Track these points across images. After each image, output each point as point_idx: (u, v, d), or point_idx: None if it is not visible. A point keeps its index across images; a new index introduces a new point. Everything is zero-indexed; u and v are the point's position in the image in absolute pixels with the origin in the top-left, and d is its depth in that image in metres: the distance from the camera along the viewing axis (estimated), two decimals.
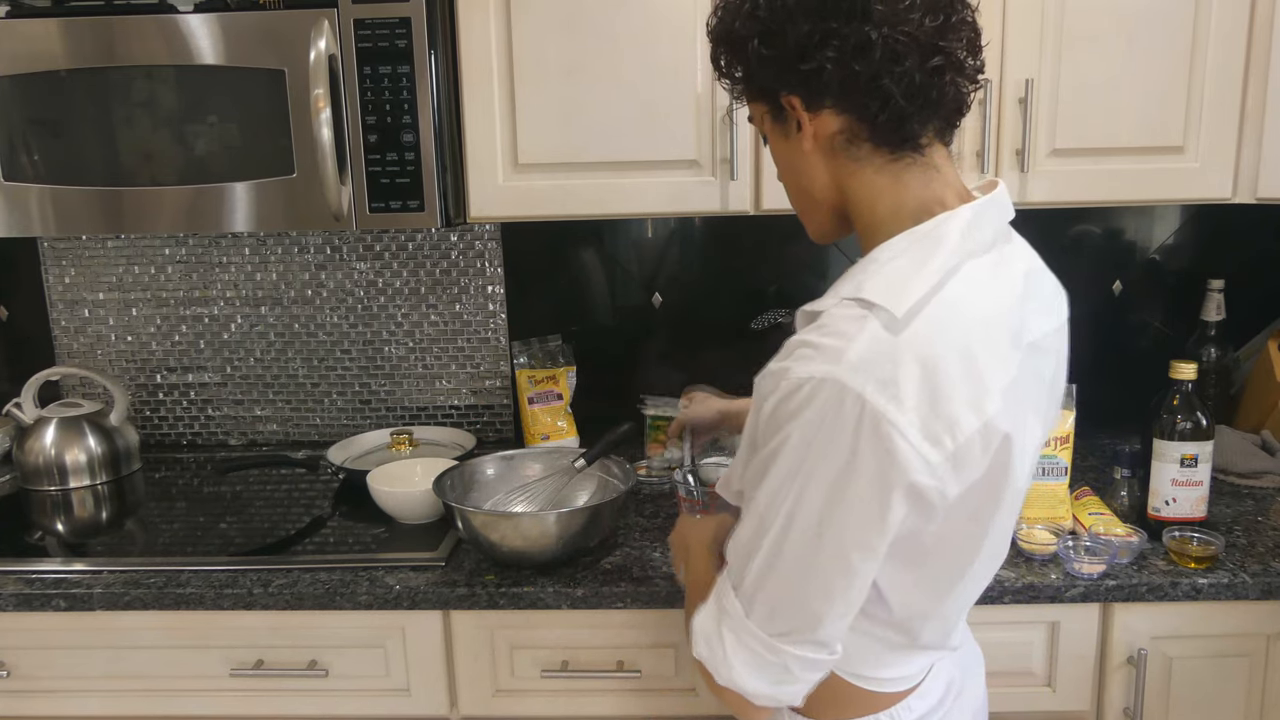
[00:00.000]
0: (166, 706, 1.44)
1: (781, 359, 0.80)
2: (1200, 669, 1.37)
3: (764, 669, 0.84)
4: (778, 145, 0.92)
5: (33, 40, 1.48)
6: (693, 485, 1.51)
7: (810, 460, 0.77)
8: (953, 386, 0.77)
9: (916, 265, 0.81)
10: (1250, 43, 1.49)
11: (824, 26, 0.81)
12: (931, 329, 0.77)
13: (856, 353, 0.75)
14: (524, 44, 1.52)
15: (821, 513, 0.78)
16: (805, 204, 0.94)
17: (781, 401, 0.78)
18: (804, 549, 0.79)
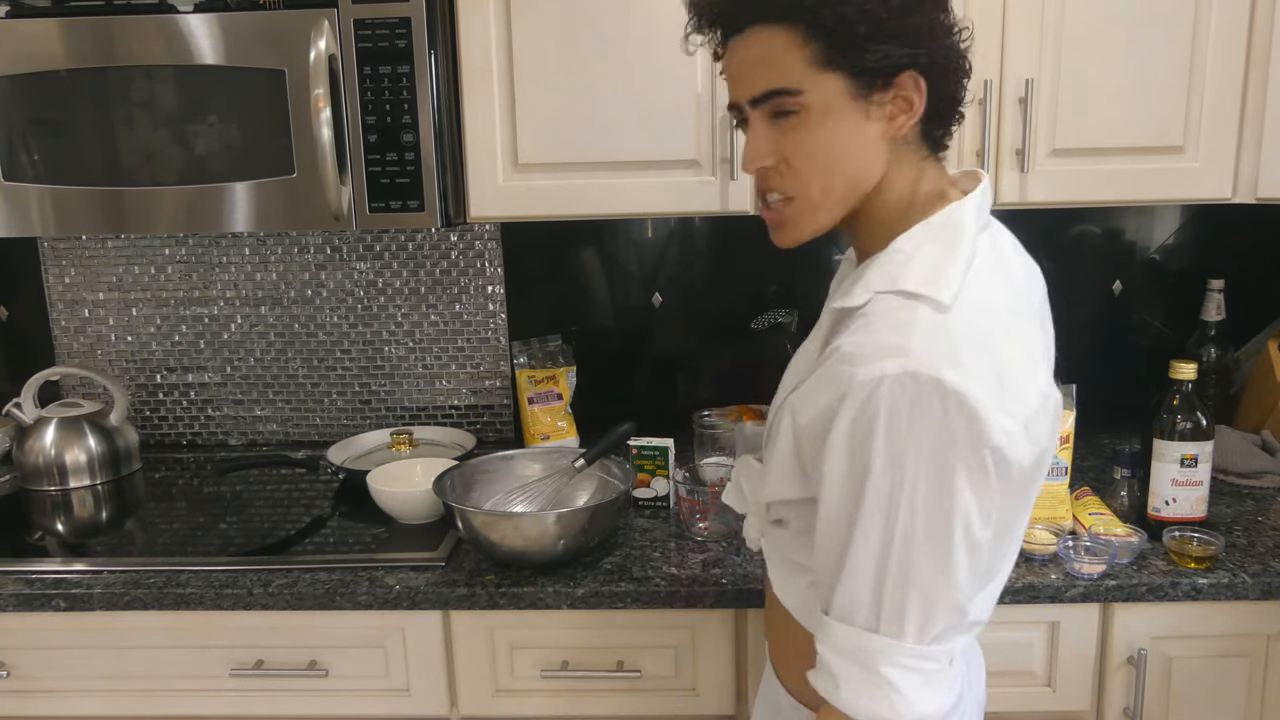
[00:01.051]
0: (166, 706, 1.44)
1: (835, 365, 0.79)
2: (1200, 669, 1.37)
3: (936, 681, 0.81)
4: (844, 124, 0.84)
5: (33, 40, 1.48)
6: (692, 485, 1.51)
7: (911, 455, 0.76)
8: (1009, 362, 0.79)
9: (946, 254, 0.83)
10: (1250, 43, 1.49)
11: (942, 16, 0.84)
12: (977, 312, 0.80)
13: (920, 341, 0.76)
14: (524, 44, 1.52)
15: (939, 500, 0.77)
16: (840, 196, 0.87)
17: (861, 409, 0.77)
18: (934, 542, 0.78)
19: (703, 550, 1.45)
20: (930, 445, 0.76)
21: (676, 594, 1.34)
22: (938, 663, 0.81)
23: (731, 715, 1.41)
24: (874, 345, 0.78)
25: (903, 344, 0.77)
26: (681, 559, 1.42)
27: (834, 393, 0.79)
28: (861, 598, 0.80)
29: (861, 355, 0.78)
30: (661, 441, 1.59)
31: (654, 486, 1.60)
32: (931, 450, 0.76)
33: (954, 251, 0.83)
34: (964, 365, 0.76)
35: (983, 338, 0.79)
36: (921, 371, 0.75)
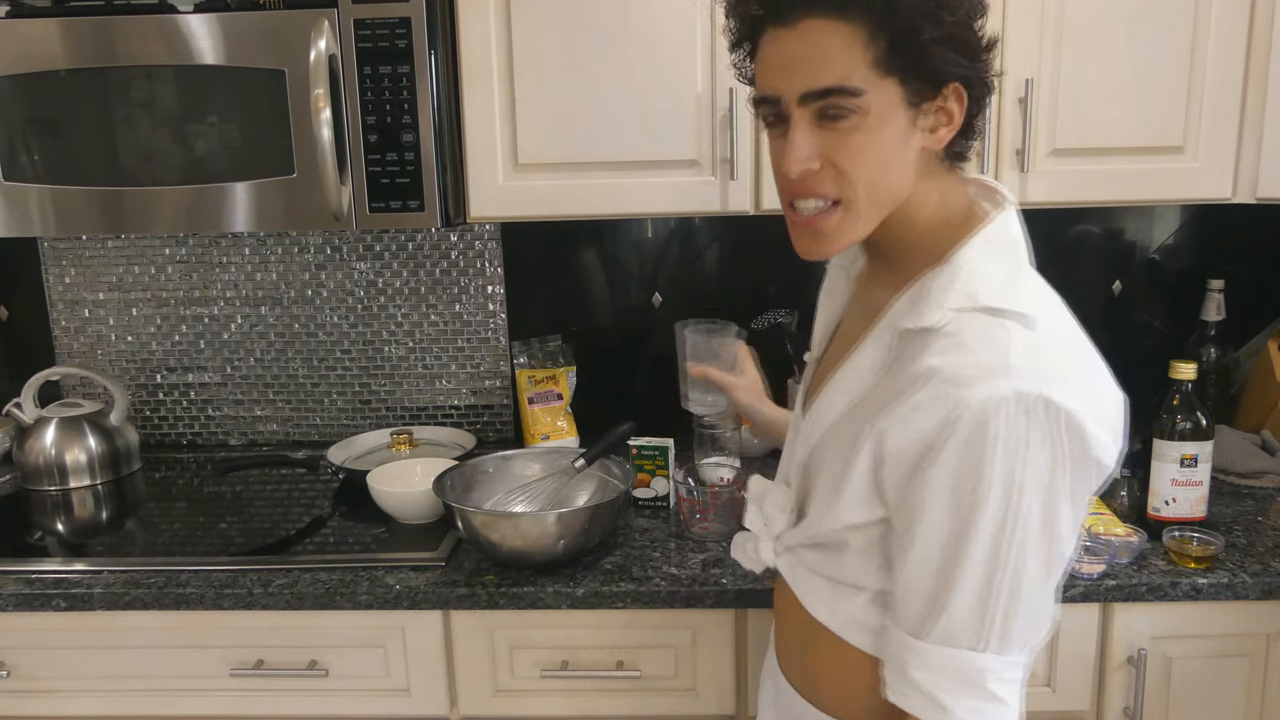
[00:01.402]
0: (166, 706, 1.44)
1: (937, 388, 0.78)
2: (1200, 669, 1.37)
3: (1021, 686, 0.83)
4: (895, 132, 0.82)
5: (33, 40, 1.48)
6: (692, 485, 1.51)
7: (1022, 479, 0.77)
8: (1091, 371, 0.82)
9: (1013, 267, 0.85)
10: (1250, 43, 1.49)
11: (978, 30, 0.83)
12: (1057, 323, 0.82)
13: (1021, 360, 0.77)
14: (524, 44, 1.52)
15: (1047, 516, 0.78)
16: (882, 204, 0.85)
17: (972, 433, 0.76)
18: (1041, 558, 0.79)
19: (703, 550, 1.45)
20: (1042, 464, 0.77)
21: (676, 594, 1.34)
22: (1027, 668, 0.84)
23: (731, 715, 1.41)
24: (977, 367, 0.77)
25: (1006, 364, 0.76)
26: (681, 559, 1.42)
27: (937, 416, 0.77)
28: (967, 619, 0.80)
29: (965, 377, 0.77)
30: (661, 441, 1.59)
31: (654, 486, 1.60)
32: (1043, 469, 0.77)
33: (1019, 264, 0.85)
34: (1065, 381, 0.77)
35: (1069, 350, 0.81)
36: (1030, 391, 0.75)
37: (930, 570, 0.81)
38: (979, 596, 0.79)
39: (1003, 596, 0.79)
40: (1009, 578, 0.79)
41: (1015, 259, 0.86)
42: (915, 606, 0.83)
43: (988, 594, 0.79)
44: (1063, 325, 0.83)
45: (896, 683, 0.85)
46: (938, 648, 0.81)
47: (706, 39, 1.50)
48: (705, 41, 1.51)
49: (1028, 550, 0.78)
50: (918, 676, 0.83)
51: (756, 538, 1.04)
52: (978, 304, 0.80)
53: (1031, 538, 0.78)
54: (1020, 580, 0.79)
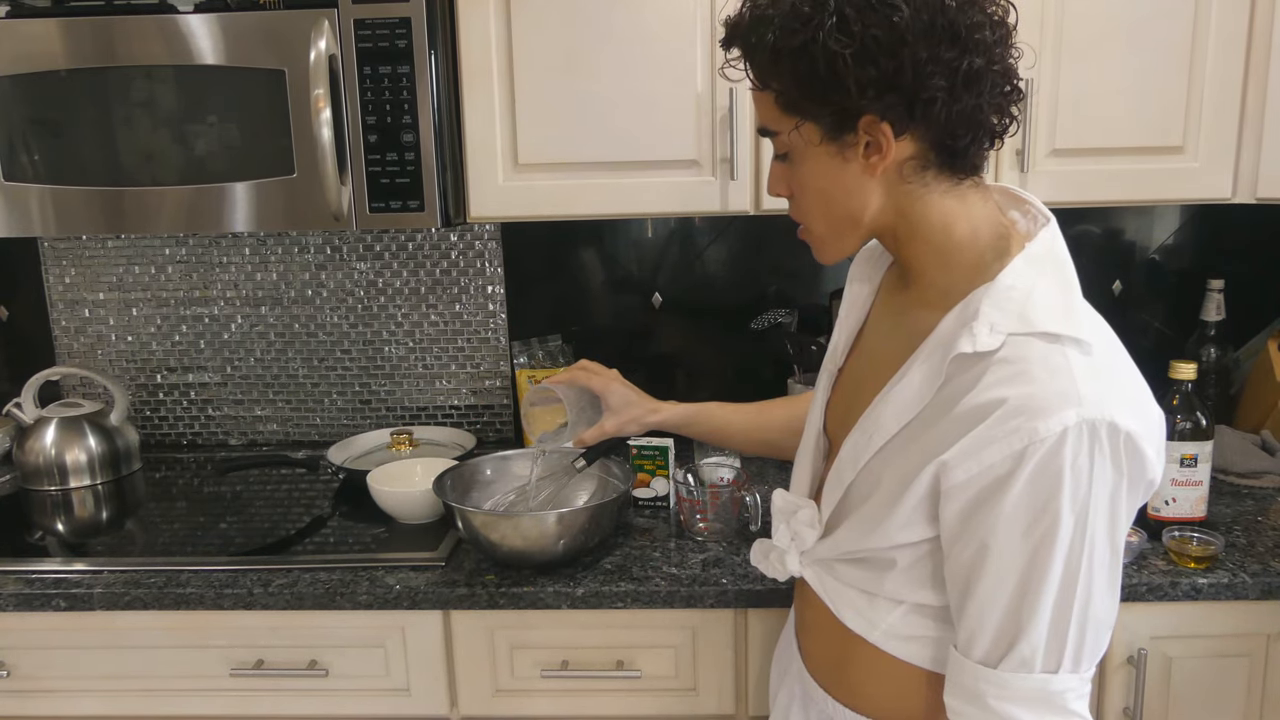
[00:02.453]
0: (166, 706, 1.44)
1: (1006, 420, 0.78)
2: (1200, 669, 1.37)
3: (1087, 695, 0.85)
4: (822, 166, 0.87)
5: (33, 40, 1.48)
6: (692, 485, 1.51)
7: (1091, 503, 0.78)
8: (1141, 391, 0.83)
9: (1063, 288, 0.85)
10: (1250, 43, 1.49)
11: (936, 53, 0.79)
12: (1110, 344, 0.84)
13: (1087, 386, 0.77)
14: (524, 44, 1.52)
15: (1110, 536, 0.80)
16: (842, 227, 0.90)
17: (1043, 463, 0.77)
18: (1106, 579, 0.82)
19: (703, 550, 1.45)
20: (1104, 487, 0.78)
21: (676, 594, 1.34)
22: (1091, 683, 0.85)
23: (731, 715, 1.41)
24: (1045, 396, 0.77)
25: (1073, 391, 0.77)
26: (681, 559, 1.42)
27: (1009, 449, 0.78)
28: (1043, 645, 0.81)
29: (1036, 408, 0.77)
30: (661, 441, 1.59)
31: (654, 486, 1.60)
32: (1106, 492, 0.79)
33: (1069, 284, 0.85)
34: (1126, 403, 0.79)
35: (1123, 371, 0.83)
36: (1097, 417, 0.76)
37: (1004, 600, 0.82)
38: (1056, 621, 0.81)
39: (1076, 618, 0.81)
40: (1080, 599, 0.80)
41: (1064, 279, 0.86)
42: (989, 637, 0.83)
43: (1064, 618, 0.81)
44: (1114, 348, 0.85)
45: (974, 714, 0.85)
46: (1016, 675, 0.82)
47: (706, 39, 1.50)
48: (705, 41, 1.51)
49: (1096, 570, 0.80)
50: (1001, 707, 0.83)
51: (782, 550, 1.04)
52: (1034, 329, 0.80)
53: (1100, 557, 0.80)
54: (1090, 599, 0.81)
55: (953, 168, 0.86)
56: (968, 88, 0.81)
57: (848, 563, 0.96)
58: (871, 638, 0.94)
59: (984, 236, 0.88)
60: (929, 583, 0.89)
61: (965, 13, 0.80)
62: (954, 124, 0.82)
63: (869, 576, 0.94)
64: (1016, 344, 0.80)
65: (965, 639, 0.85)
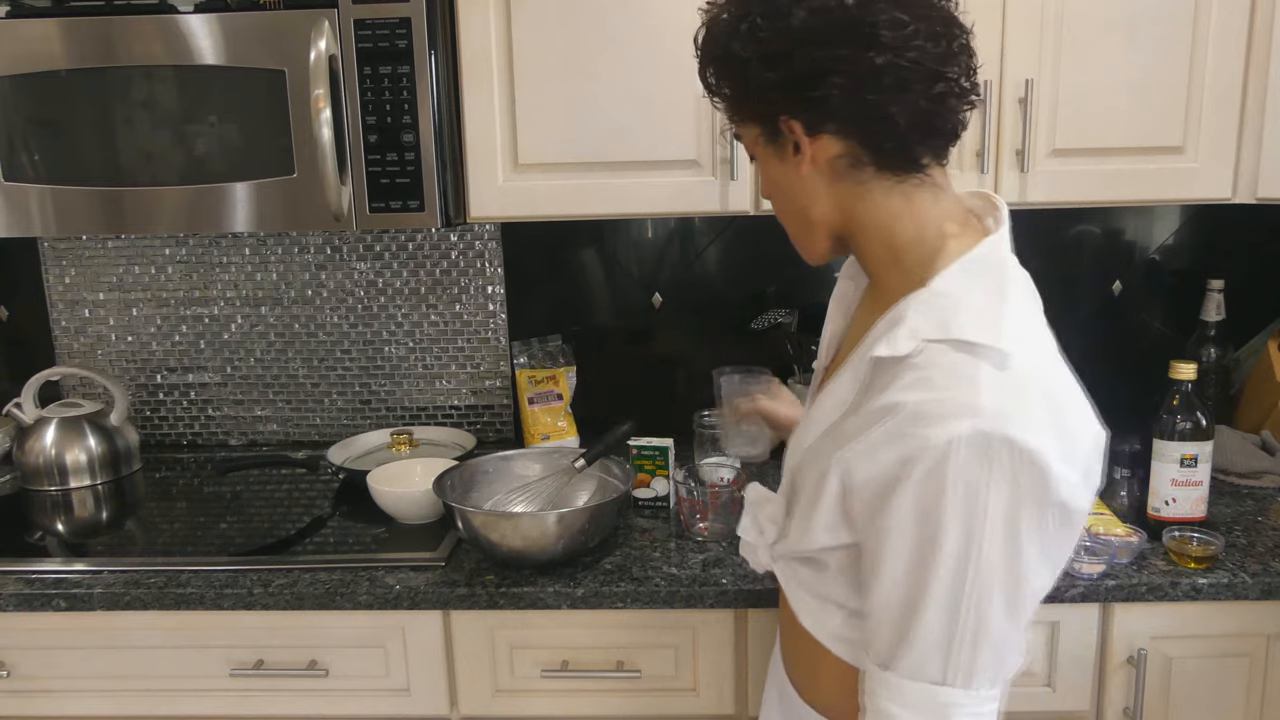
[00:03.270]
0: (166, 706, 1.44)
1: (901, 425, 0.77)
2: (1200, 669, 1.37)
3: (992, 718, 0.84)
4: (771, 166, 0.91)
5: (33, 40, 1.48)
6: (692, 485, 1.51)
7: (983, 514, 0.76)
8: (1067, 407, 0.80)
9: (995, 297, 0.82)
10: (1250, 43, 1.49)
11: (831, 53, 0.79)
12: (1036, 358, 0.80)
13: (989, 400, 0.75)
14: (524, 44, 1.52)
15: (1008, 555, 0.78)
16: (802, 227, 0.92)
17: (931, 471, 0.76)
18: (1004, 596, 0.79)
19: (703, 550, 1.45)
20: (1000, 503, 0.76)
21: (676, 594, 1.34)
22: (997, 700, 0.84)
23: (731, 715, 1.41)
24: (941, 404, 0.76)
25: (971, 402, 0.75)
26: (681, 559, 1.42)
27: (899, 453, 0.77)
28: (933, 654, 0.81)
29: (929, 415, 0.76)
30: (661, 441, 1.59)
31: (654, 486, 1.60)
32: (1001, 508, 0.76)
33: (1003, 294, 0.83)
34: (1032, 420, 0.76)
35: (1043, 387, 0.79)
36: (993, 431, 0.74)
37: (896, 604, 0.81)
38: (943, 631, 0.80)
39: (966, 633, 0.79)
40: (973, 614, 0.79)
41: (1000, 285, 0.83)
42: (884, 638, 0.83)
43: (952, 629, 0.79)
44: (1042, 362, 0.81)
45: (872, 713, 0.85)
46: (907, 681, 0.82)
47: None
48: None
49: (990, 587, 0.78)
50: (889, 708, 0.83)
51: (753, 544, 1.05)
52: (950, 335, 0.79)
53: (994, 576, 0.78)
54: (984, 616, 0.79)
55: (889, 166, 0.85)
56: (869, 84, 0.80)
57: (800, 562, 0.97)
58: (819, 637, 0.95)
59: (929, 239, 0.86)
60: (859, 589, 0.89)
61: (868, 10, 0.79)
62: (865, 121, 0.82)
63: (814, 577, 0.94)
64: (931, 350, 0.79)
65: (870, 637, 0.86)
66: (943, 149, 0.87)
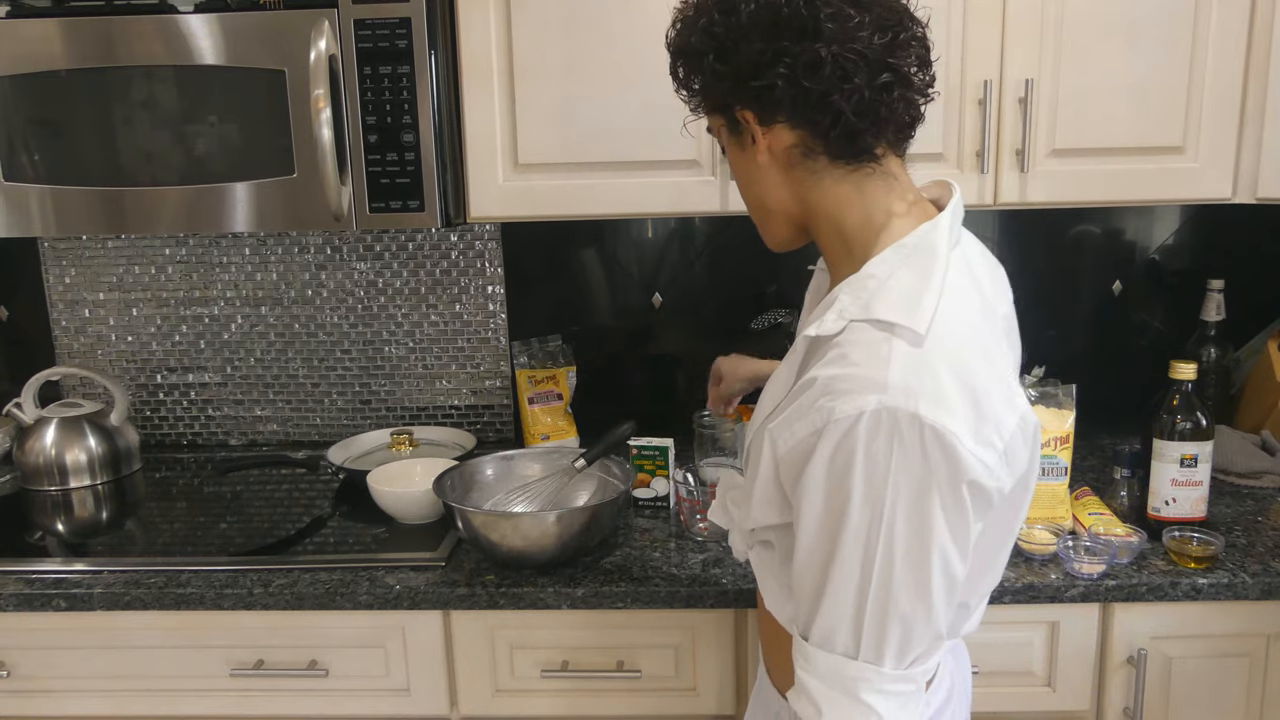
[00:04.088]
0: (166, 706, 1.44)
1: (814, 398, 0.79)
2: (1200, 669, 1.37)
3: (913, 702, 0.83)
4: (735, 156, 0.94)
5: (33, 40, 1.48)
6: (692, 485, 1.51)
7: (889, 490, 0.77)
8: (986, 389, 0.79)
9: (921, 279, 0.83)
10: (1250, 43, 1.49)
11: (776, 45, 0.82)
12: (954, 339, 0.80)
13: (897, 375, 0.76)
14: (524, 44, 1.52)
15: (918, 533, 0.78)
16: (762, 215, 0.96)
17: (839, 444, 0.77)
18: (913, 574, 0.79)
19: (703, 550, 1.45)
20: (908, 481, 0.77)
21: (676, 594, 1.34)
22: (915, 684, 0.83)
23: (731, 715, 1.41)
24: (851, 379, 0.78)
25: (880, 378, 0.76)
26: (681, 559, 1.42)
27: (811, 425, 0.79)
28: (841, 626, 0.82)
29: (839, 389, 0.78)
30: (661, 441, 1.59)
31: (654, 486, 1.60)
32: (909, 486, 0.77)
33: (929, 276, 0.83)
34: (943, 399, 0.76)
35: (960, 368, 0.79)
36: (899, 407, 0.75)
37: (808, 572, 0.83)
38: (851, 604, 0.80)
39: (874, 608, 0.80)
40: (877, 588, 0.79)
41: (927, 269, 0.84)
42: (801, 607, 0.85)
43: (858, 602, 0.80)
44: (959, 342, 0.81)
45: (794, 679, 0.87)
46: (818, 650, 0.83)
47: None
48: None
49: (895, 562, 0.78)
50: (801, 676, 0.85)
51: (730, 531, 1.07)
52: (871, 315, 0.81)
53: (900, 551, 0.78)
54: (890, 592, 0.79)
55: (840, 155, 0.87)
56: (808, 74, 0.82)
57: (761, 546, 0.98)
58: (781, 620, 0.96)
59: (875, 227, 0.88)
60: None
61: (813, 3, 0.81)
62: (810, 110, 0.84)
63: (770, 560, 0.96)
64: (853, 329, 0.82)
65: (794, 608, 0.87)
66: (897, 139, 0.88)
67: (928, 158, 1.51)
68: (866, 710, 0.81)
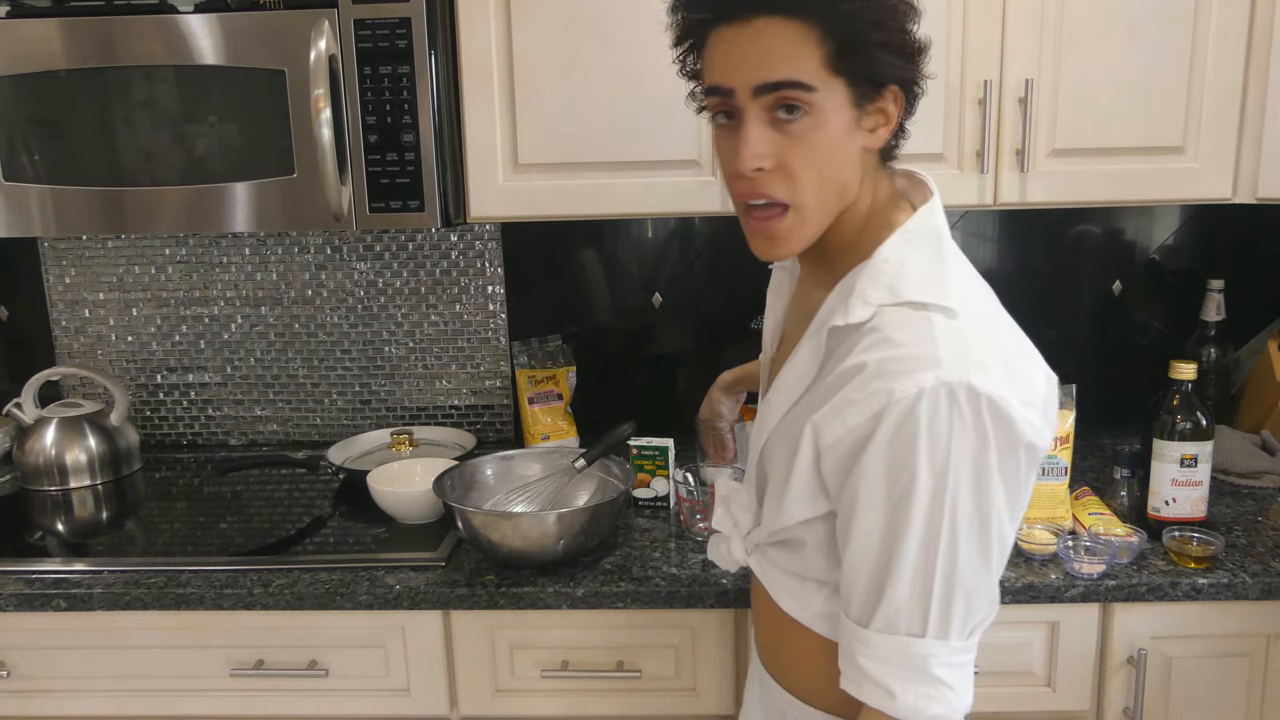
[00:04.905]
0: (166, 706, 1.44)
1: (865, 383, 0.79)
2: (1200, 669, 1.37)
3: (969, 669, 0.85)
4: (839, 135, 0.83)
5: (33, 40, 1.48)
6: (692, 485, 1.51)
7: (952, 463, 0.78)
8: (1017, 355, 0.84)
9: (934, 260, 0.86)
10: (1250, 43, 1.49)
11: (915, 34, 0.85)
12: (979, 310, 0.84)
13: (946, 349, 0.78)
14: (524, 44, 1.52)
15: (978, 503, 0.80)
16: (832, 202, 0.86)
17: (901, 425, 0.78)
18: (974, 546, 0.81)
19: (703, 550, 1.45)
20: (967, 451, 0.78)
21: (676, 594, 1.34)
22: (973, 652, 0.85)
23: (731, 715, 1.41)
24: (902, 359, 0.78)
25: (931, 354, 0.78)
26: (681, 559, 1.42)
27: (867, 410, 0.79)
28: (908, 606, 0.82)
29: (893, 370, 0.78)
30: (661, 441, 1.59)
31: (654, 486, 1.60)
32: (969, 456, 0.78)
33: (941, 255, 0.87)
34: (988, 367, 0.78)
35: (993, 337, 0.83)
36: (956, 380, 0.77)
37: (869, 559, 0.83)
38: (917, 583, 0.81)
39: (940, 582, 0.81)
40: (944, 563, 0.80)
41: (937, 249, 0.87)
42: (858, 595, 0.85)
43: (925, 580, 0.81)
44: (986, 312, 0.85)
45: (849, 671, 0.87)
46: (882, 635, 0.83)
47: None
48: None
49: (959, 534, 0.80)
50: (866, 664, 0.84)
51: (728, 538, 1.06)
52: (902, 298, 0.82)
53: (963, 522, 0.80)
54: (955, 564, 0.80)
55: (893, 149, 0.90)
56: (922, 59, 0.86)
57: (776, 546, 0.98)
58: (803, 619, 0.96)
59: (879, 218, 0.90)
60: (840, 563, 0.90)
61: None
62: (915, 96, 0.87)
63: (793, 558, 0.96)
64: (885, 313, 0.83)
65: (844, 598, 0.87)
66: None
67: (928, 158, 1.51)
68: (939, 684, 0.82)
